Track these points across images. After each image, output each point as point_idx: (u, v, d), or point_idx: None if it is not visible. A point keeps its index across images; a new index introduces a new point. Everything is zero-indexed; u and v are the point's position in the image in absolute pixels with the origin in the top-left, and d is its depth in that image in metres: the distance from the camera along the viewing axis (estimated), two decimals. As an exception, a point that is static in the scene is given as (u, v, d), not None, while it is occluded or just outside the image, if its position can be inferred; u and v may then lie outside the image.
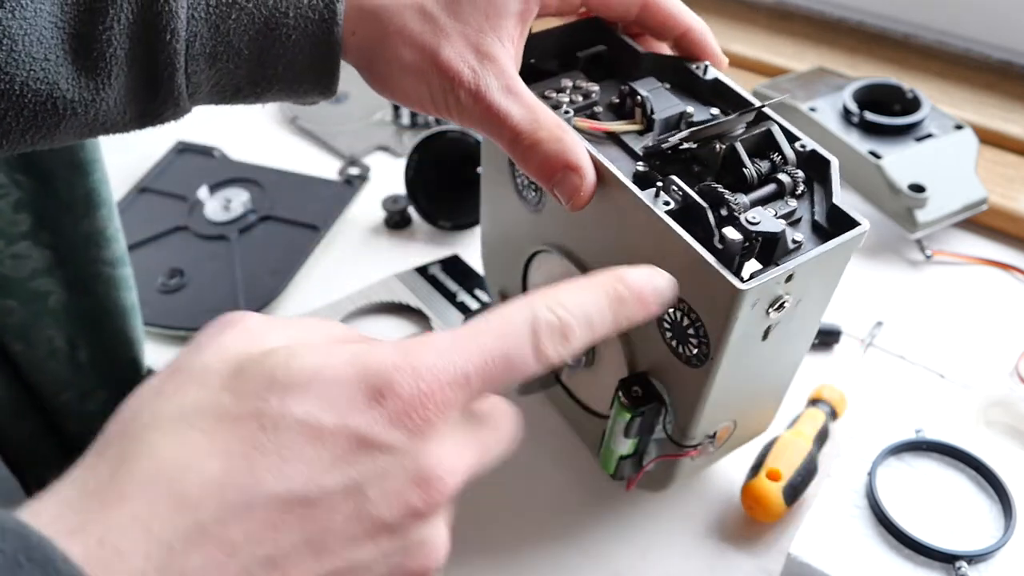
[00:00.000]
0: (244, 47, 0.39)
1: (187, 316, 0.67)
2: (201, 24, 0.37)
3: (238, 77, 0.40)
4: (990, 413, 0.58)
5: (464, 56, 0.40)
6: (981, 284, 0.70)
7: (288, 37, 0.39)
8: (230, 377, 0.27)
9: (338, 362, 0.27)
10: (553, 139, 0.39)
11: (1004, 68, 0.87)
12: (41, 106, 0.36)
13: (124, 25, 0.36)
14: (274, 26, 0.39)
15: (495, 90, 0.40)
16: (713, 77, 0.45)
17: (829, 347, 0.64)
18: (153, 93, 0.38)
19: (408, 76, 0.40)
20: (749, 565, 0.51)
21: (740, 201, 0.37)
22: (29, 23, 0.35)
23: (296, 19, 0.39)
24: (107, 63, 0.37)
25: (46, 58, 0.35)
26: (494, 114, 0.39)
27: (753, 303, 0.36)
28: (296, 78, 0.41)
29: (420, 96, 0.41)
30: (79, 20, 0.36)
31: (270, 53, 0.39)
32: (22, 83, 0.35)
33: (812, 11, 0.97)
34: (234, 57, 0.39)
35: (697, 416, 0.42)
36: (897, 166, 0.70)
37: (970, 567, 0.45)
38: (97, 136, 0.41)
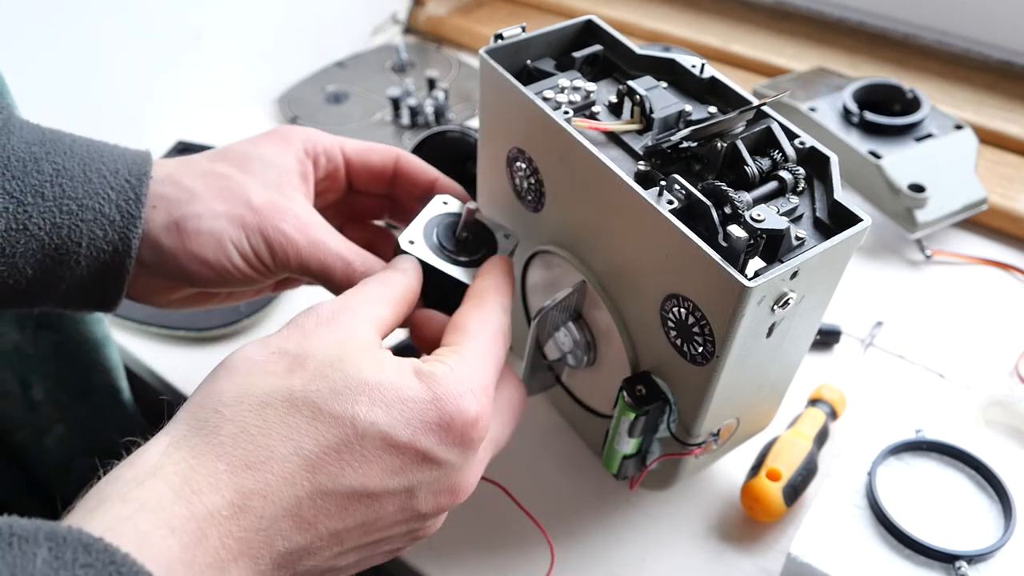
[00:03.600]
0: (29, 268, 0.40)
1: (187, 316, 0.67)
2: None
3: (16, 292, 0.40)
4: (990, 413, 0.58)
5: (274, 197, 0.43)
6: (981, 284, 0.70)
7: (77, 264, 0.40)
8: (333, 374, 0.33)
9: (417, 386, 0.34)
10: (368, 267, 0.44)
11: (1004, 68, 0.87)
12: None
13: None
14: (64, 253, 0.39)
15: (319, 223, 0.44)
16: (710, 76, 0.45)
17: (829, 347, 0.64)
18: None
19: (219, 222, 0.42)
20: (749, 565, 0.51)
21: (743, 199, 0.37)
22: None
23: (88, 248, 0.40)
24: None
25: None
26: (321, 243, 0.43)
27: (759, 300, 0.36)
28: (77, 298, 0.42)
29: (232, 241, 0.42)
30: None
31: (55, 275, 0.40)
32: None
33: (812, 11, 0.97)
34: (16, 275, 0.40)
35: (702, 414, 0.42)
36: (897, 166, 0.70)
37: (970, 567, 0.45)
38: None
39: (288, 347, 0.34)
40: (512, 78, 0.44)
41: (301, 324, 0.36)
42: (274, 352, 0.34)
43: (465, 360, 0.36)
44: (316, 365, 0.33)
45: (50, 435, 0.67)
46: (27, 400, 0.64)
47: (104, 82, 0.76)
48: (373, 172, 0.50)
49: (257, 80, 0.91)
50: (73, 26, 0.71)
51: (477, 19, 1.01)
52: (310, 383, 0.33)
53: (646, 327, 0.43)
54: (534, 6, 1.05)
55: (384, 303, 0.39)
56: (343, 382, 0.33)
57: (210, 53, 0.84)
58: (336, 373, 0.33)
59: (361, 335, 0.36)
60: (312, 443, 0.32)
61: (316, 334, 0.35)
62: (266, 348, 0.34)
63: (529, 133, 0.45)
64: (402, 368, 0.35)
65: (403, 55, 0.94)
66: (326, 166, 0.48)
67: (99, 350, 0.63)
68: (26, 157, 0.39)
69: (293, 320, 0.36)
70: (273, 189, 0.44)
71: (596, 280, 0.46)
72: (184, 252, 0.42)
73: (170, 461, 0.30)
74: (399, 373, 0.34)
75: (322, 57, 0.95)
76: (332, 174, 0.49)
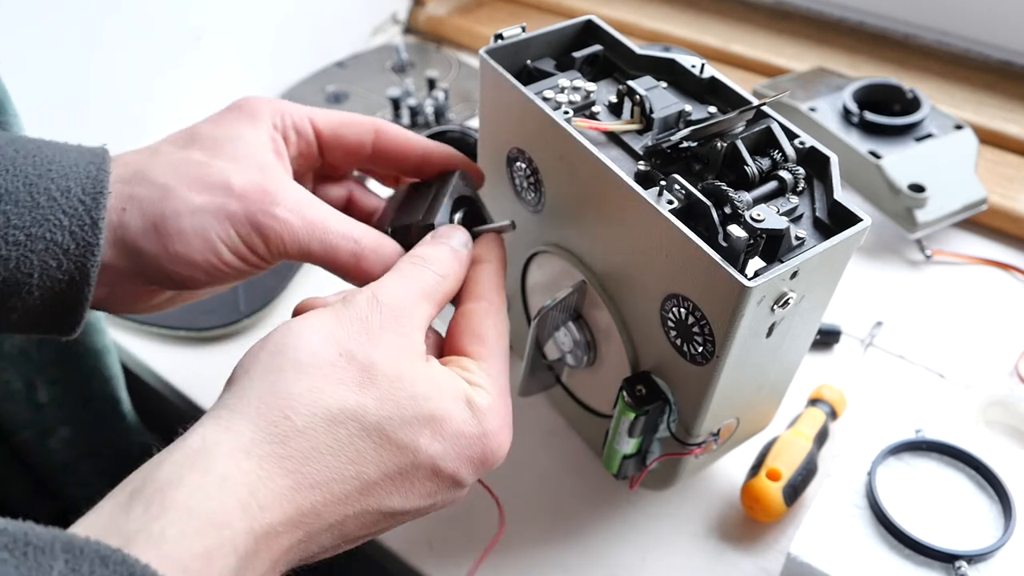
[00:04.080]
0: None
1: (187, 316, 0.67)
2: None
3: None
4: (990, 413, 0.58)
5: (257, 179, 0.39)
6: (981, 284, 0.70)
7: (29, 294, 0.36)
8: (402, 398, 0.34)
9: (470, 420, 0.35)
10: (376, 246, 0.42)
11: (1004, 68, 0.87)
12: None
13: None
14: (13, 285, 0.36)
15: (313, 201, 0.41)
16: (710, 76, 0.45)
17: (829, 347, 0.64)
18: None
19: (201, 217, 0.38)
20: (749, 565, 0.51)
21: (743, 199, 0.37)
22: None
23: (41, 279, 0.36)
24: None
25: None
26: (320, 223, 0.40)
27: (759, 300, 0.36)
28: (30, 326, 0.39)
29: (219, 237, 0.38)
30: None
31: (3, 307, 0.37)
32: None
33: (812, 11, 0.97)
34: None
35: (702, 414, 0.42)
36: (897, 166, 0.70)
37: (970, 567, 0.45)
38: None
39: (356, 351, 0.34)
40: (512, 78, 0.44)
41: (365, 320, 0.35)
42: (343, 355, 0.34)
43: (497, 384, 0.37)
44: (386, 383, 0.34)
45: (55, 436, 0.67)
46: (32, 401, 0.64)
47: (104, 82, 0.76)
48: (348, 149, 0.46)
49: (257, 80, 0.91)
50: (73, 26, 0.71)
51: (477, 19, 1.01)
52: (381, 407, 0.33)
53: (646, 327, 0.43)
54: (534, 6, 1.05)
55: (435, 300, 0.39)
56: (412, 410, 0.34)
57: (210, 53, 0.84)
58: (404, 397, 0.34)
59: (418, 344, 0.36)
60: (374, 469, 0.33)
61: (381, 339, 0.35)
62: (334, 346, 0.34)
63: (529, 133, 0.45)
64: (456, 395, 0.35)
65: (403, 55, 0.94)
66: (297, 143, 0.44)
67: (99, 359, 0.63)
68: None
69: (352, 306, 0.35)
70: (254, 171, 0.40)
71: (596, 280, 0.46)
72: (167, 256, 0.38)
73: (239, 471, 0.30)
74: (455, 402, 0.35)
75: (322, 57, 0.95)
76: (304, 152, 0.45)
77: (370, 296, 0.36)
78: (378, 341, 0.34)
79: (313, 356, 0.33)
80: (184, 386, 0.64)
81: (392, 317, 0.35)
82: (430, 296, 0.38)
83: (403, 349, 0.35)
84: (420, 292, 0.38)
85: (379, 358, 0.34)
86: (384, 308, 0.35)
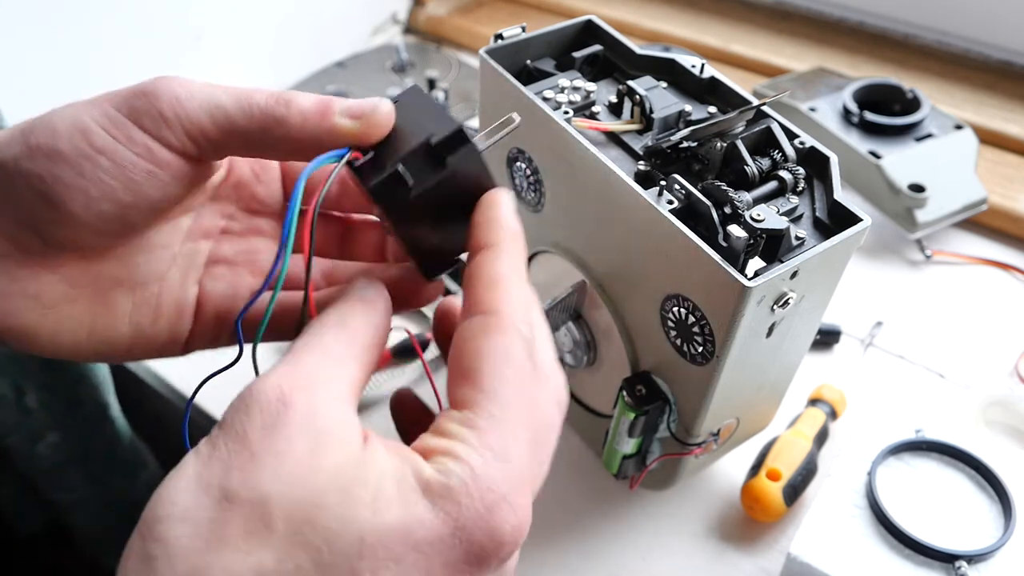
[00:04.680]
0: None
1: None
2: None
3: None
4: (990, 413, 0.58)
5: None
6: (981, 284, 0.70)
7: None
8: (313, 535, 0.23)
9: (430, 519, 0.24)
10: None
11: (1004, 68, 0.87)
12: None
13: None
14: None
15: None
16: (710, 76, 0.45)
17: (829, 347, 0.64)
18: None
19: (73, 108, 0.30)
20: (749, 565, 0.51)
21: (743, 199, 0.37)
22: None
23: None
24: None
25: None
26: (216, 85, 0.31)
27: (759, 300, 0.36)
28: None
29: (90, 116, 0.30)
30: None
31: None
32: None
33: (812, 11, 0.97)
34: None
35: (702, 414, 0.42)
36: (897, 166, 0.70)
37: (970, 567, 0.45)
38: None
39: (237, 486, 0.23)
40: (512, 78, 0.44)
41: (242, 437, 0.24)
42: (222, 500, 0.23)
43: (489, 447, 0.26)
44: (284, 522, 0.23)
45: (43, 442, 0.67)
46: (21, 406, 0.64)
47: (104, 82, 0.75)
48: None
49: (257, 80, 0.91)
50: (73, 26, 0.71)
51: (477, 19, 1.01)
52: (285, 559, 0.23)
53: (646, 327, 0.43)
54: (534, 6, 1.05)
55: (352, 355, 0.28)
56: (331, 549, 0.23)
57: (210, 53, 0.84)
58: (317, 533, 0.23)
59: (334, 432, 0.25)
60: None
61: (271, 453, 0.24)
62: (207, 492, 0.23)
63: (529, 133, 0.45)
64: (404, 491, 0.24)
65: (403, 55, 0.94)
66: None
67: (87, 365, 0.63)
68: None
69: (224, 426, 0.25)
70: None
71: (596, 280, 0.46)
72: (28, 152, 0.29)
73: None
74: (403, 505, 0.24)
75: (322, 57, 0.95)
76: None
77: (244, 396, 0.25)
78: (268, 456, 0.24)
79: (184, 523, 0.23)
80: (181, 385, 0.64)
81: (277, 409, 0.24)
82: (339, 354, 0.27)
83: (309, 453, 0.24)
84: (321, 355, 0.27)
85: (272, 484, 0.23)
86: (265, 403, 0.25)
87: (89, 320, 0.33)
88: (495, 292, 0.29)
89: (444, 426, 0.26)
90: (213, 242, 0.36)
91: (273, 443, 0.24)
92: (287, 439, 0.24)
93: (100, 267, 0.32)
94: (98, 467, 0.74)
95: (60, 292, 0.31)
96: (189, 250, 0.35)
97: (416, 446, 0.26)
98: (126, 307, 0.34)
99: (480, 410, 0.26)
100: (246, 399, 0.25)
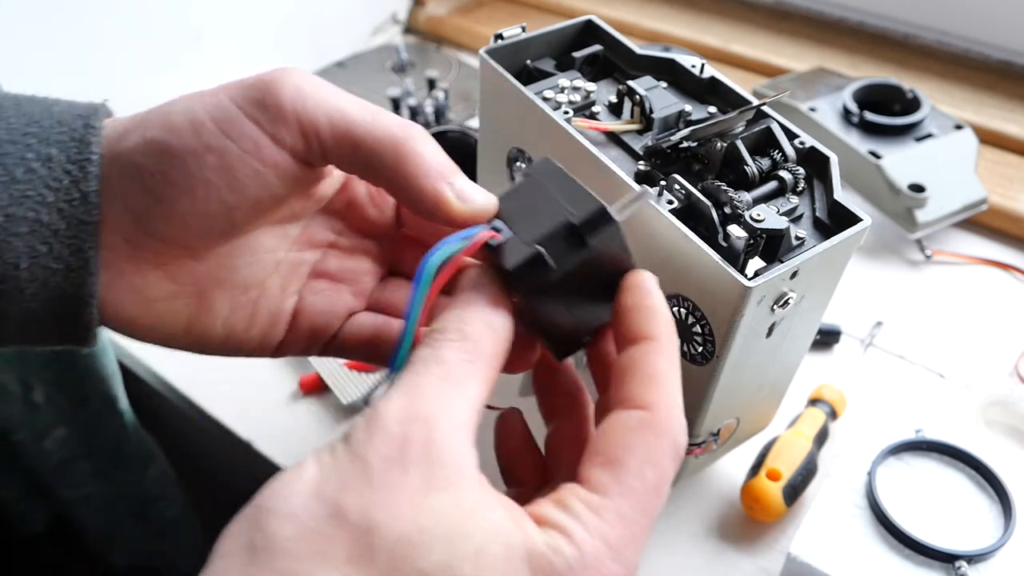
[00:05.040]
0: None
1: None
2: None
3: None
4: (990, 413, 0.58)
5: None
6: (981, 284, 0.70)
7: (20, 291, 0.30)
8: (409, 571, 0.23)
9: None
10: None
11: (1004, 68, 0.87)
12: None
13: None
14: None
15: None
16: (709, 76, 0.45)
17: (829, 347, 0.64)
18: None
19: (189, 100, 0.30)
20: (749, 565, 0.51)
21: (743, 199, 0.37)
22: None
23: (31, 271, 0.30)
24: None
25: None
26: (332, 93, 0.30)
27: (759, 300, 0.36)
28: (36, 335, 0.32)
29: (204, 108, 0.30)
30: None
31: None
32: None
33: (812, 11, 0.97)
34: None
35: (702, 414, 0.42)
36: (897, 166, 0.70)
37: (970, 567, 0.45)
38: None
39: (349, 507, 0.23)
40: (512, 78, 0.44)
41: (363, 457, 0.24)
42: (332, 517, 0.23)
43: (609, 543, 0.25)
44: (385, 556, 0.23)
45: (50, 437, 0.67)
46: (28, 402, 0.64)
47: (104, 82, 0.76)
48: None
49: (257, 80, 0.91)
50: (73, 26, 0.71)
51: (477, 19, 1.01)
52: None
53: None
54: (534, 6, 1.05)
55: (472, 373, 0.27)
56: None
57: (210, 53, 0.84)
58: (414, 574, 0.23)
59: (449, 469, 0.24)
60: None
61: (386, 482, 0.24)
62: (322, 505, 0.24)
63: (529, 133, 0.45)
64: (510, 558, 0.24)
65: (403, 55, 0.94)
66: None
67: (95, 358, 0.63)
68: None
69: (348, 441, 0.25)
70: None
71: (596, 280, 0.46)
72: (143, 145, 0.30)
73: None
74: (506, 564, 0.24)
75: (322, 57, 0.95)
76: None
77: (369, 416, 0.25)
78: (382, 485, 0.24)
79: (292, 524, 0.23)
80: (183, 386, 0.64)
81: (401, 439, 0.24)
82: (458, 378, 0.26)
83: (421, 488, 0.24)
84: (442, 381, 0.26)
85: (381, 513, 0.24)
86: (388, 428, 0.24)
87: (187, 317, 0.33)
88: (654, 390, 0.27)
89: (568, 501, 0.26)
90: (320, 254, 0.36)
91: (389, 474, 0.24)
92: (403, 472, 0.24)
93: (204, 267, 0.33)
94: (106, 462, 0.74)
95: (163, 288, 0.32)
96: (294, 258, 0.35)
97: (532, 511, 0.26)
98: (223, 310, 0.34)
99: (611, 501, 0.25)
100: (371, 422, 0.25)
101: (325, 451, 0.25)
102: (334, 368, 0.61)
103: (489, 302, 0.28)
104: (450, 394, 0.26)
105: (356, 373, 0.61)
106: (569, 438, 0.32)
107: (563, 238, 0.27)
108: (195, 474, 0.84)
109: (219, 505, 1.01)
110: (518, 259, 0.27)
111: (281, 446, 0.59)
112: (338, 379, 0.61)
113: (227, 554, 0.24)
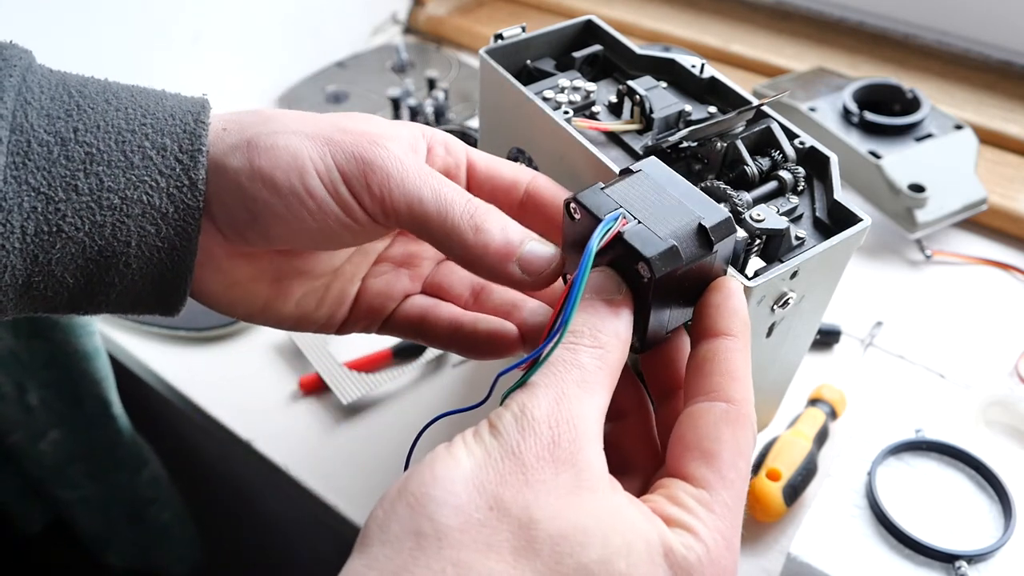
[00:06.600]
0: (69, 276, 0.33)
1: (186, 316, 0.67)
2: (14, 256, 0.31)
3: (57, 302, 0.34)
4: (990, 413, 0.58)
5: (373, 132, 0.34)
6: (981, 284, 0.70)
7: (127, 267, 0.33)
8: (571, 569, 0.25)
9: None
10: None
11: (1004, 68, 0.87)
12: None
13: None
14: (109, 256, 0.33)
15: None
16: (709, 76, 0.45)
17: (829, 347, 0.64)
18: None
19: (298, 137, 0.33)
20: (749, 565, 0.51)
21: (743, 199, 0.37)
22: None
23: (139, 249, 0.33)
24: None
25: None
26: (429, 175, 0.34)
27: (759, 300, 0.36)
28: (132, 304, 0.35)
29: (311, 158, 0.33)
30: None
31: (102, 282, 0.33)
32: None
33: (812, 11, 0.97)
34: (54, 286, 0.33)
35: (698, 415, 0.42)
36: (897, 166, 0.70)
37: (970, 567, 0.45)
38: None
39: (510, 501, 0.25)
40: (512, 78, 0.44)
41: (517, 453, 0.26)
42: (494, 509, 0.25)
43: (722, 526, 0.27)
44: (548, 548, 0.25)
45: (45, 439, 0.67)
46: (23, 404, 0.64)
47: (104, 82, 0.76)
48: (499, 185, 0.38)
49: (257, 80, 0.91)
50: (72, 26, 0.71)
51: (477, 19, 1.01)
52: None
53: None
54: (534, 6, 1.05)
55: (601, 380, 0.29)
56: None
57: (210, 53, 0.84)
58: (579, 570, 0.25)
59: (592, 469, 0.27)
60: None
61: (540, 478, 0.26)
62: (483, 497, 0.25)
63: (529, 133, 0.45)
64: (652, 555, 0.26)
65: (403, 55, 0.94)
66: (444, 158, 0.37)
67: (88, 362, 0.63)
68: (50, 139, 0.31)
69: (499, 435, 0.27)
70: (374, 130, 0.35)
71: (596, 280, 0.46)
72: (249, 171, 0.33)
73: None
74: (650, 568, 0.26)
75: (322, 57, 0.95)
76: (450, 170, 0.38)
77: (518, 414, 0.27)
78: (537, 482, 0.26)
79: (458, 515, 0.25)
80: (183, 386, 0.64)
81: (551, 440, 0.26)
82: (593, 385, 0.28)
83: (572, 488, 0.26)
84: (581, 387, 0.28)
85: (540, 510, 0.25)
86: (539, 429, 0.26)
87: (264, 298, 0.37)
88: (737, 384, 0.30)
89: (681, 498, 0.28)
90: (388, 240, 0.40)
91: (543, 473, 0.26)
92: (555, 472, 0.26)
93: (287, 261, 0.37)
94: (100, 464, 0.74)
95: (246, 274, 0.36)
96: (366, 248, 0.40)
97: (656, 510, 0.27)
98: (297, 293, 0.38)
99: (716, 495, 0.28)
100: (519, 418, 0.27)
101: (472, 442, 0.27)
102: (334, 368, 0.61)
103: (614, 310, 0.30)
104: (587, 401, 0.28)
105: (356, 373, 0.61)
106: (635, 433, 0.33)
107: (693, 237, 0.30)
108: (195, 474, 0.84)
109: (218, 505, 1.02)
110: (657, 249, 0.29)
111: (281, 446, 0.59)
112: (338, 379, 0.61)
113: (391, 540, 0.25)
